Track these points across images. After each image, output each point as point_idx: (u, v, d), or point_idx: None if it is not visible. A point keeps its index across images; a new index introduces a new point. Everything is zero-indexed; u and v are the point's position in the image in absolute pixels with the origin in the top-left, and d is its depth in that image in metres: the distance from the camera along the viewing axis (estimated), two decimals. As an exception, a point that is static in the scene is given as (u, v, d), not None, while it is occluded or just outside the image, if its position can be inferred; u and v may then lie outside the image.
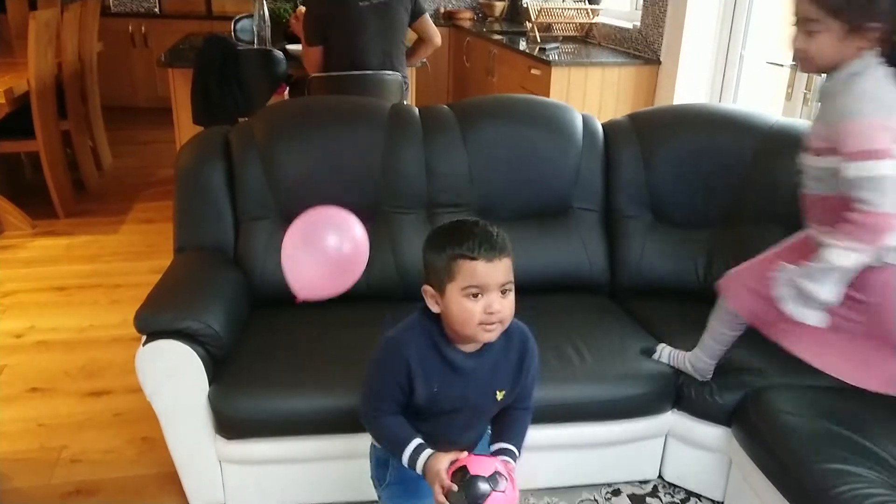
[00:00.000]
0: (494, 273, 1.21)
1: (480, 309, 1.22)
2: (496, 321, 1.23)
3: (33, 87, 3.58)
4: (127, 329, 1.83)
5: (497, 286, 1.22)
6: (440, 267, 1.23)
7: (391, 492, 1.44)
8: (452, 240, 1.23)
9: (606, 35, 4.48)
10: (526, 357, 1.36)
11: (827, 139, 1.51)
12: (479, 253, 1.20)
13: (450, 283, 1.23)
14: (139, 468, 2.06)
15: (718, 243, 2.22)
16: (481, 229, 1.23)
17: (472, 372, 1.31)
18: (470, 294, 1.22)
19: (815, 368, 1.86)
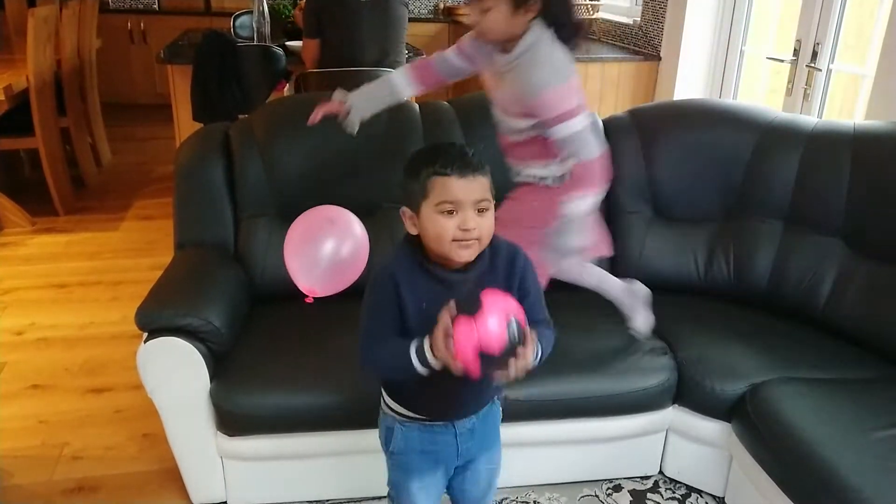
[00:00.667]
0: (468, 189, 1.20)
1: (454, 225, 1.21)
2: (472, 238, 1.22)
3: (32, 84, 3.58)
4: (127, 326, 1.84)
5: (472, 203, 1.21)
6: (415, 187, 1.23)
7: (395, 460, 1.44)
8: (427, 159, 1.23)
9: (606, 31, 4.47)
10: (515, 266, 1.32)
11: (522, 106, 1.75)
12: (452, 169, 1.20)
13: (424, 200, 1.22)
14: (140, 464, 2.07)
15: (719, 238, 2.22)
16: (457, 148, 1.23)
17: (458, 283, 1.28)
18: (444, 210, 1.21)
19: (815, 363, 1.88)
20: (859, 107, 2.77)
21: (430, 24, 6.00)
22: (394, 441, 1.42)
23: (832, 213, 2.08)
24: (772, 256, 2.14)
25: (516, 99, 1.77)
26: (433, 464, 1.42)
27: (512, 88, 1.77)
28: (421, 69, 1.93)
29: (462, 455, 1.42)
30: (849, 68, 2.88)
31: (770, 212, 2.17)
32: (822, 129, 2.17)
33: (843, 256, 2.05)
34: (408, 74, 1.92)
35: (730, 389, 1.83)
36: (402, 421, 1.40)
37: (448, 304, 1.16)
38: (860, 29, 2.84)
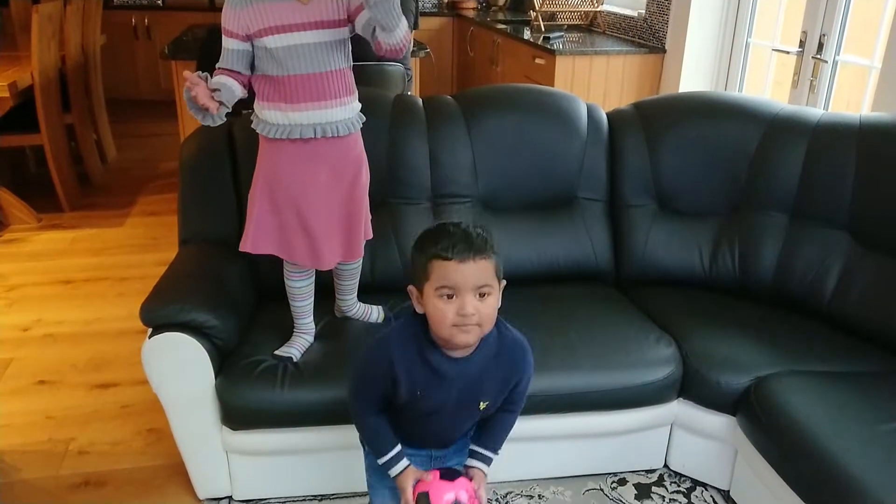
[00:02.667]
0: (467, 274, 1.19)
1: (453, 310, 1.20)
2: (470, 323, 1.21)
3: (37, 81, 3.59)
4: (133, 321, 1.84)
5: (471, 288, 1.20)
6: (419, 268, 1.23)
7: (370, 462, 1.48)
8: (431, 240, 1.22)
9: (611, 23, 4.45)
10: (516, 372, 1.35)
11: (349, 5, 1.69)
12: (452, 253, 1.18)
13: (426, 282, 1.22)
14: (146, 459, 2.08)
15: (723, 232, 2.21)
16: (461, 230, 1.21)
17: (456, 379, 1.30)
18: (444, 294, 1.20)
19: (820, 356, 1.87)
20: (866, 99, 2.75)
21: (435, 18, 5.98)
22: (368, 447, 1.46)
23: (838, 206, 2.07)
24: (777, 250, 2.13)
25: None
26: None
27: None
28: (227, 73, 1.74)
29: (436, 461, 1.47)
30: (855, 60, 2.85)
31: (775, 205, 2.16)
32: (827, 121, 2.15)
33: (849, 250, 2.04)
34: (228, 77, 1.73)
35: (735, 383, 1.82)
36: None
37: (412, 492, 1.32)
38: (867, 20, 2.82)
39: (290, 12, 1.64)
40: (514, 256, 2.18)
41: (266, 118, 1.73)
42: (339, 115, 1.74)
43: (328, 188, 1.78)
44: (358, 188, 1.83)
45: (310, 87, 1.68)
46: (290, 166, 1.74)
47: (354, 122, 1.79)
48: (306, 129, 1.70)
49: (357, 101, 1.81)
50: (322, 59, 1.68)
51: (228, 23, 1.67)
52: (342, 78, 1.74)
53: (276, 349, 1.84)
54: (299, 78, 1.67)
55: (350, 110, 1.77)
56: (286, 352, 1.83)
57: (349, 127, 1.77)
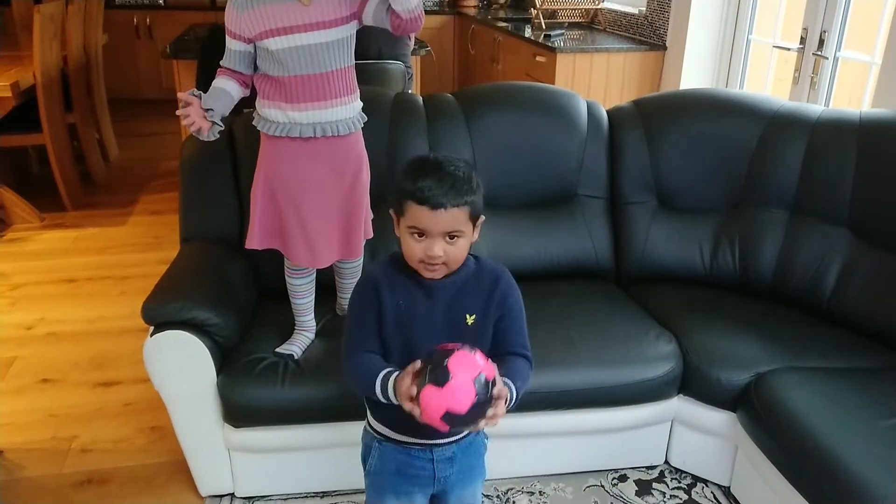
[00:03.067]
0: (438, 221, 1.20)
1: (422, 250, 1.23)
2: (437, 263, 1.24)
3: (39, 81, 3.60)
4: (136, 320, 1.85)
5: (441, 233, 1.22)
6: (397, 199, 1.25)
7: (371, 480, 1.45)
8: (411, 175, 1.22)
9: (612, 21, 4.45)
10: (498, 286, 1.33)
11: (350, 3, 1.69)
12: (425, 198, 1.19)
13: (401, 217, 1.25)
14: (149, 457, 2.09)
15: (724, 228, 2.21)
16: (441, 172, 1.20)
17: (437, 289, 1.29)
18: (414, 233, 1.23)
19: (820, 353, 1.88)
20: (867, 95, 2.75)
21: (436, 17, 5.98)
22: (370, 460, 1.42)
23: (838, 202, 2.07)
24: (777, 246, 2.13)
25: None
26: (408, 487, 1.40)
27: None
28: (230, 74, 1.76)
29: (439, 482, 1.40)
30: (856, 56, 2.85)
31: (775, 201, 2.16)
32: (827, 117, 2.15)
33: (849, 246, 2.04)
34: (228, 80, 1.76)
35: (735, 379, 1.83)
36: (379, 440, 1.40)
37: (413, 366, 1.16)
38: (868, 16, 2.82)
39: (291, 14, 1.64)
40: (515, 253, 2.19)
41: (267, 116, 1.74)
42: (339, 114, 1.74)
43: (327, 187, 1.78)
44: (358, 187, 1.83)
45: (310, 87, 1.69)
46: (289, 164, 1.75)
47: (355, 122, 1.79)
48: (306, 128, 1.71)
49: (358, 101, 1.81)
50: (324, 59, 1.68)
51: (231, 24, 1.69)
52: (343, 77, 1.74)
53: (278, 347, 1.85)
54: (300, 78, 1.68)
55: (351, 110, 1.77)
56: (287, 349, 1.84)
57: (349, 126, 1.77)
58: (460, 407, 1.10)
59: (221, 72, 1.75)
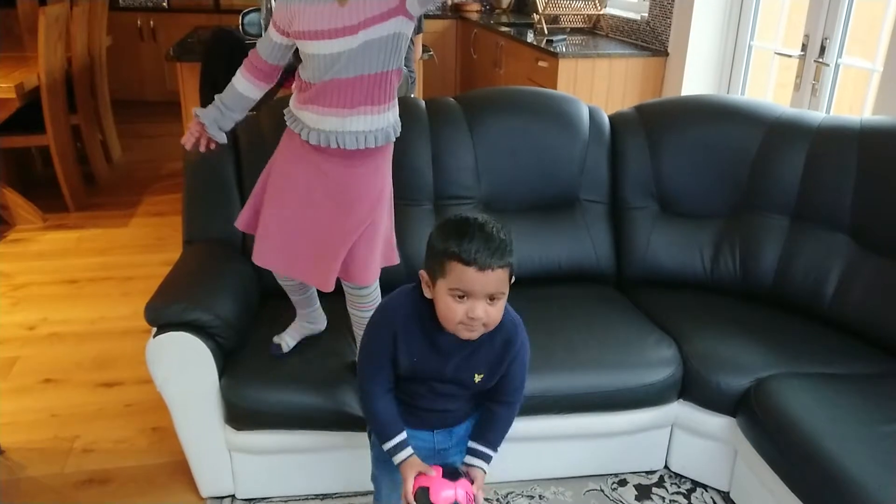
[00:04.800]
0: (484, 282, 1.20)
1: (463, 311, 1.23)
2: (477, 325, 1.24)
3: (43, 82, 3.61)
4: (138, 321, 1.86)
5: (484, 295, 1.22)
6: (436, 260, 1.24)
7: (375, 452, 1.51)
8: (454, 236, 1.21)
9: (614, 26, 4.46)
10: (511, 347, 1.36)
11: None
12: (472, 259, 1.19)
13: (441, 278, 1.23)
14: (150, 458, 2.09)
15: (725, 234, 2.22)
16: (485, 234, 1.21)
17: (451, 352, 1.33)
18: (456, 295, 1.22)
19: (821, 358, 1.88)
20: (868, 102, 2.75)
21: (439, 21, 5.99)
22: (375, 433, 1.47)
23: (839, 208, 2.07)
24: (778, 252, 2.14)
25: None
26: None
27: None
28: (252, 62, 1.71)
29: (439, 454, 1.47)
30: (857, 63, 2.86)
31: (776, 207, 2.17)
32: (828, 124, 2.16)
33: (850, 252, 2.05)
34: (245, 74, 1.72)
35: (735, 384, 1.83)
36: None
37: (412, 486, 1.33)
38: (869, 23, 2.83)
39: (326, 17, 1.51)
40: (517, 257, 2.19)
41: (290, 107, 1.69)
42: (354, 125, 1.58)
43: (308, 198, 1.65)
44: (352, 219, 1.63)
45: (332, 92, 1.56)
46: (286, 154, 1.70)
47: (374, 136, 1.61)
48: (313, 133, 1.61)
49: (388, 114, 1.63)
50: (356, 63, 1.53)
51: (276, 11, 1.60)
52: (373, 84, 1.57)
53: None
54: (324, 84, 1.57)
55: (366, 122, 1.59)
56: (277, 339, 1.85)
57: (359, 141, 1.59)
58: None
59: (247, 61, 1.68)
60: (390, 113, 1.64)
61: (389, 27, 1.53)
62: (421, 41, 3.52)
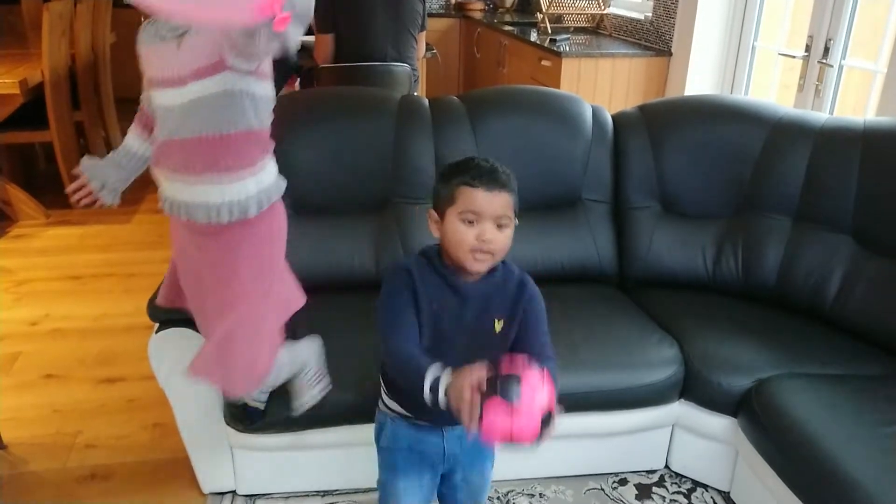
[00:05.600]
0: (491, 203, 1.26)
1: (473, 235, 1.26)
2: (487, 250, 1.27)
3: (47, 79, 3.62)
4: (140, 317, 1.86)
5: (493, 216, 1.27)
6: (445, 193, 1.29)
7: (383, 457, 1.50)
8: (460, 169, 1.29)
9: (617, 26, 4.46)
10: (524, 288, 1.38)
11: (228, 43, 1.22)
12: (480, 182, 1.26)
13: (450, 206, 1.28)
14: (152, 454, 2.10)
15: (727, 234, 2.22)
16: (488, 164, 1.29)
17: (469, 294, 1.33)
18: (466, 219, 1.27)
19: (822, 359, 1.88)
20: (871, 103, 2.75)
21: (442, 20, 5.99)
22: (383, 437, 1.47)
23: (841, 209, 2.07)
24: (780, 253, 2.14)
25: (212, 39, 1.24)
26: (419, 464, 1.44)
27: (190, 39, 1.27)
28: (140, 116, 1.53)
29: (448, 459, 1.45)
30: (861, 64, 2.86)
31: (779, 208, 2.16)
32: (831, 125, 2.16)
33: (852, 253, 2.05)
34: (135, 128, 1.54)
35: (736, 385, 1.83)
36: (392, 417, 1.44)
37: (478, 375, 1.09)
38: (874, 25, 2.83)
39: (162, 61, 1.30)
40: (519, 256, 2.16)
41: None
42: (197, 195, 1.35)
43: (193, 280, 1.47)
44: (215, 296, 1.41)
45: (173, 154, 1.35)
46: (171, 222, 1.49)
47: (222, 210, 1.35)
48: (165, 201, 1.42)
49: (242, 185, 1.36)
50: (200, 120, 1.29)
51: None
52: (216, 147, 1.31)
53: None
54: (167, 143, 1.35)
55: (217, 192, 1.34)
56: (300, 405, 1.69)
57: (210, 214, 1.35)
58: (526, 437, 1.05)
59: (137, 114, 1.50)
60: (251, 182, 1.38)
61: (218, 83, 1.27)
62: (424, 39, 3.53)
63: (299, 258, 2.09)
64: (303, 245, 2.11)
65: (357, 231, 2.16)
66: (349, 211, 2.18)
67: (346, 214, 2.17)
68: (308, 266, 2.11)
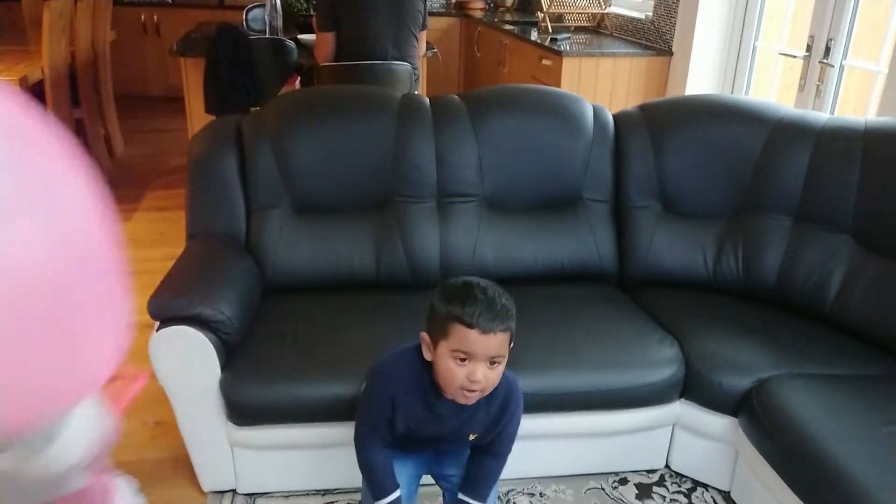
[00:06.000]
0: (486, 345, 1.22)
1: (464, 375, 1.24)
2: (476, 389, 1.26)
3: (47, 76, 3.61)
4: (140, 315, 1.84)
5: (486, 358, 1.24)
6: (438, 322, 1.26)
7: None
8: (457, 299, 1.23)
9: (618, 25, 4.46)
10: (506, 410, 1.39)
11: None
12: (475, 322, 1.21)
13: (443, 340, 1.25)
14: (152, 451, 2.10)
15: (727, 234, 2.22)
16: (487, 298, 1.23)
17: (448, 417, 1.36)
18: (458, 357, 1.24)
19: (823, 359, 1.88)
20: (872, 103, 2.75)
21: (443, 18, 5.99)
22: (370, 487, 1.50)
23: (842, 209, 2.07)
24: (781, 253, 2.14)
25: None
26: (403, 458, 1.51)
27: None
28: None
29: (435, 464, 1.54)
30: (862, 64, 2.86)
31: (779, 208, 2.16)
32: (832, 125, 2.16)
33: (853, 253, 2.05)
34: None
35: (737, 384, 1.83)
36: None
37: None
38: (875, 25, 2.82)
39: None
40: (519, 255, 2.20)
41: None
42: None
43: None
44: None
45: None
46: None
47: None
48: None
49: None
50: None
51: None
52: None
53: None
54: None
55: None
56: None
57: None
58: None
59: None
60: None
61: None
62: (425, 38, 3.52)
63: (300, 257, 2.11)
64: (303, 244, 2.12)
65: (357, 230, 2.16)
66: (349, 210, 2.18)
67: (346, 213, 2.17)
68: (308, 264, 2.12)
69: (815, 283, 2.07)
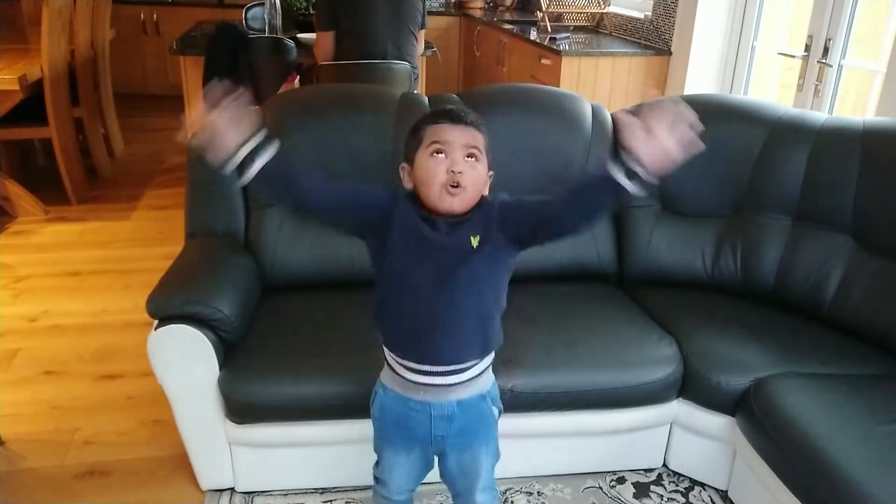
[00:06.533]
0: (458, 134, 1.27)
1: (444, 168, 1.25)
2: (459, 183, 1.25)
3: (46, 74, 3.61)
4: (139, 314, 1.86)
5: (461, 146, 1.26)
6: (413, 137, 1.30)
7: (375, 426, 1.52)
8: (426, 115, 1.32)
9: (617, 25, 4.46)
10: (492, 205, 1.33)
11: None
12: (444, 117, 1.28)
13: (418, 148, 1.28)
14: (151, 450, 2.10)
15: (726, 233, 2.22)
16: (455, 106, 1.32)
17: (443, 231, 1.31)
18: (435, 150, 1.26)
19: (821, 358, 1.88)
20: (871, 103, 2.76)
21: (442, 18, 5.99)
22: (373, 406, 1.50)
23: (840, 209, 2.08)
24: (779, 252, 2.14)
25: None
26: (407, 439, 1.46)
27: None
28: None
29: (436, 440, 1.44)
30: (861, 64, 2.86)
31: (778, 207, 2.17)
32: (831, 125, 2.16)
33: (851, 253, 2.05)
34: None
35: (735, 383, 1.83)
36: (384, 387, 1.47)
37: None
38: (873, 24, 2.83)
39: None
40: (518, 256, 2.19)
41: None
42: None
43: None
44: None
45: None
46: None
47: None
48: None
49: None
50: None
51: None
52: None
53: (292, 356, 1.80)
54: None
55: None
56: None
57: None
58: None
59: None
60: None
61: None
62: (424, 38, 3.53)
63: (299, 255, 2.11)
64: (302, 242, 2.12)
65: (356, 228, 2.15)
66: (349, 208, 2.18)
67: (345, 212, 2.17)
68: (308, 264, 2.12)
69: (813, 283, 2.08)
